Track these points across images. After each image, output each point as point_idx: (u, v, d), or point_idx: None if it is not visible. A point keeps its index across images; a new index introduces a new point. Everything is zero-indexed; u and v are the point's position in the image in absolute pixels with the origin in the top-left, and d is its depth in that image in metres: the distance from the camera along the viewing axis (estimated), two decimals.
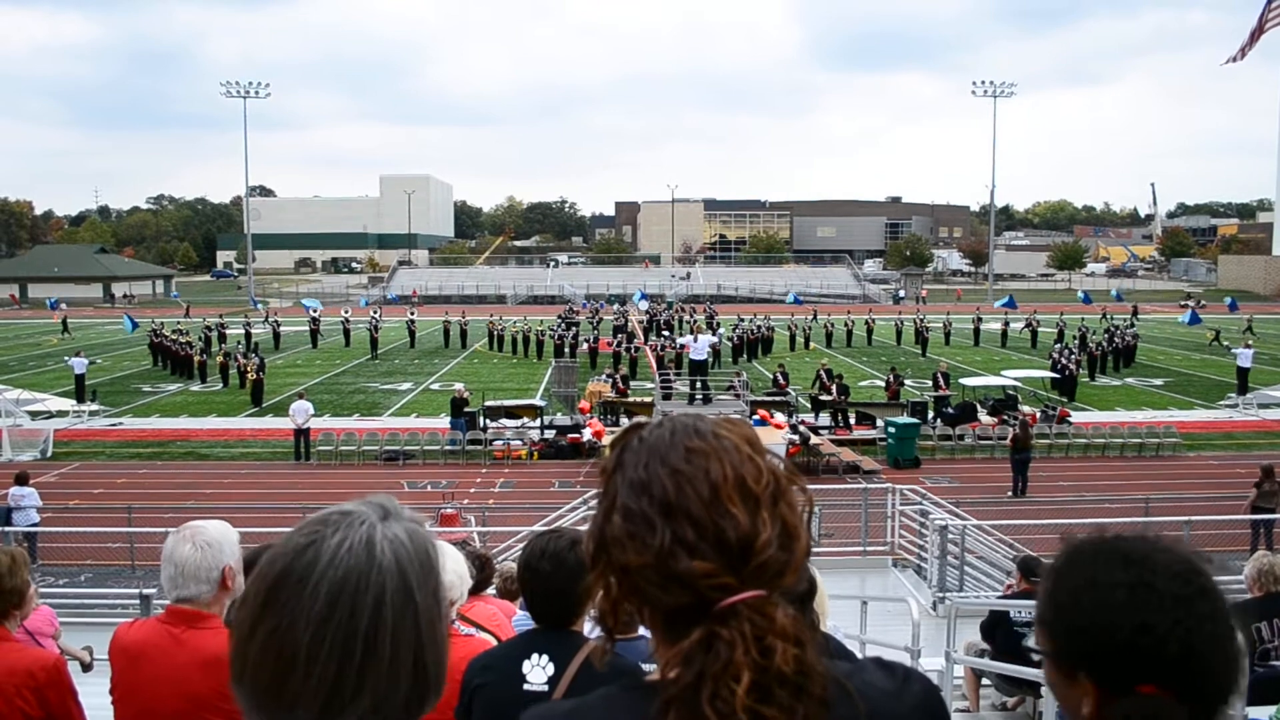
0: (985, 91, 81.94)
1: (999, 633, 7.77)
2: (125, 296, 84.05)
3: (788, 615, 1.04)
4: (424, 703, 1.05)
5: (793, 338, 46.45)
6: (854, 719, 1.07)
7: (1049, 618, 1.19)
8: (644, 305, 56.01)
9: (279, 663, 0.98)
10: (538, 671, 2.48)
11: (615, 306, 58.19)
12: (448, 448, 24.52)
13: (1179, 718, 1.11)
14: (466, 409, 25.50)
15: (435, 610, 1.05)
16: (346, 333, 48.89)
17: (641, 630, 3.61)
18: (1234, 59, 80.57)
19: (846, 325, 48.38)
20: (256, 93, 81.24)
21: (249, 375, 31.93)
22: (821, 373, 29.84)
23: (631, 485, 1.08)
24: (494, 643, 3.22)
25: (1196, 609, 1.12)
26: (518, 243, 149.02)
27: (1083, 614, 1.15)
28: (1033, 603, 6.78)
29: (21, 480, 16.09)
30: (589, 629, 2.70)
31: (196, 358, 37.93)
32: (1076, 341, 38.95)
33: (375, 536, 1.02)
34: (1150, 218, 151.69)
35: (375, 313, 50.56)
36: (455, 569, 3.06)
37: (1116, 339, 39.67)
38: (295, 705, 0.98)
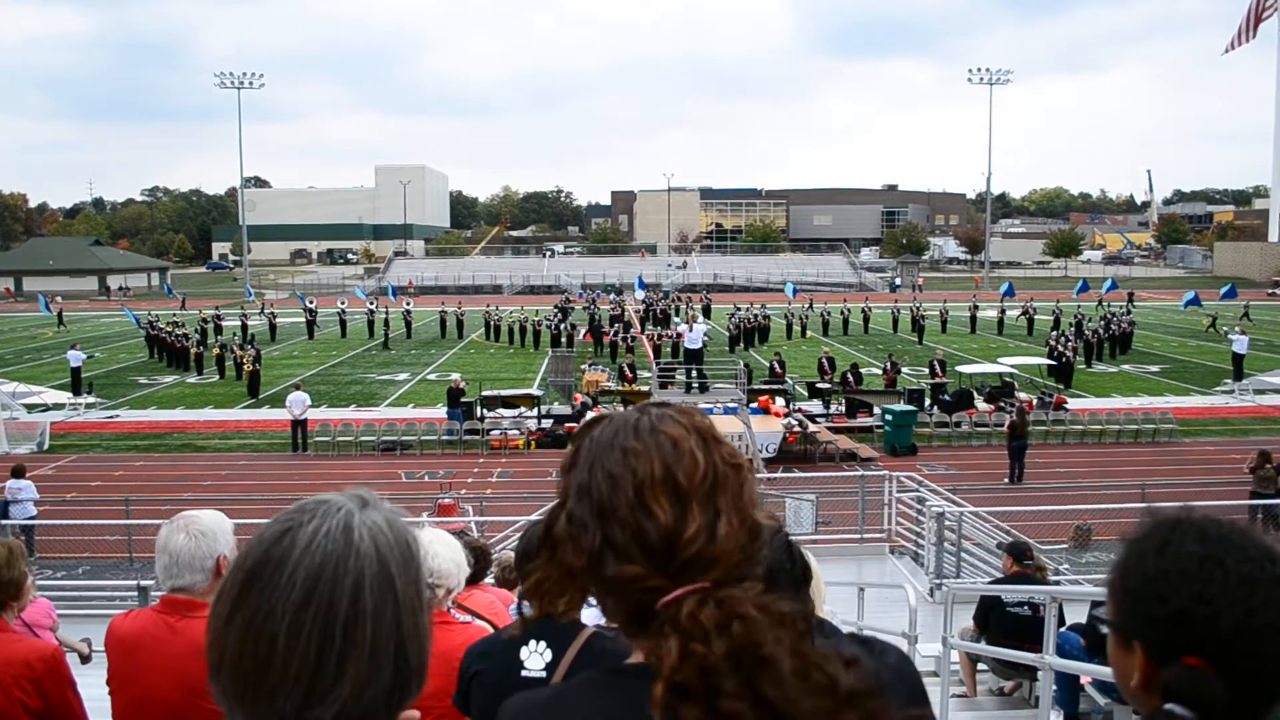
0: (981, 79, 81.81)
1: (992, 617, 7.80)
2: (121, 289, 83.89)
3: (709, 606, 1.01)
4: (406, 693, 1.04)
5: (789, 326, 46.47)
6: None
7: (1115, 582, 1.19)
8: (640, 295, 55.99)
9: (257, 651, 0.97)
10: (535, 658, 2.48)
11: (612, 296, 58.15)
12: (445, 438, 24.53)
13: (1218, 696, 1.10)
14: (463, 399, 25.50)
15: (416, 599, 1.04)
16: (343, 323, 48.87)
17: None
18: (1231, 47, 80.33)
19: (843, 313, 48.37)
20: (250, 83, 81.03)
21: (245, 367, 31.92)
22: (823, 360, 29.97)
23: (577, 488, 1.11)
24: (491, 630, 3.23)
25: (1262, 593, 1.11)
26: (514, 233, 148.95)
27: (1145, 578, 1.15)
28: (1024, 586, 6.80)
29: (18, 473, 16.07)
30: (587, 616, 2.71)
31: (193, 350, 37.87)
32: (1073, 328, 38.99)
33: (353, 523, 1.01)
34: (1146, 204, 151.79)
35: (372, 304, 50.51)
36: (453, 557, 3.05)
37: (1113, 326, 39.71)
38: (275, 695, 0.97)
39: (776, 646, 1.00)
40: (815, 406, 26.85)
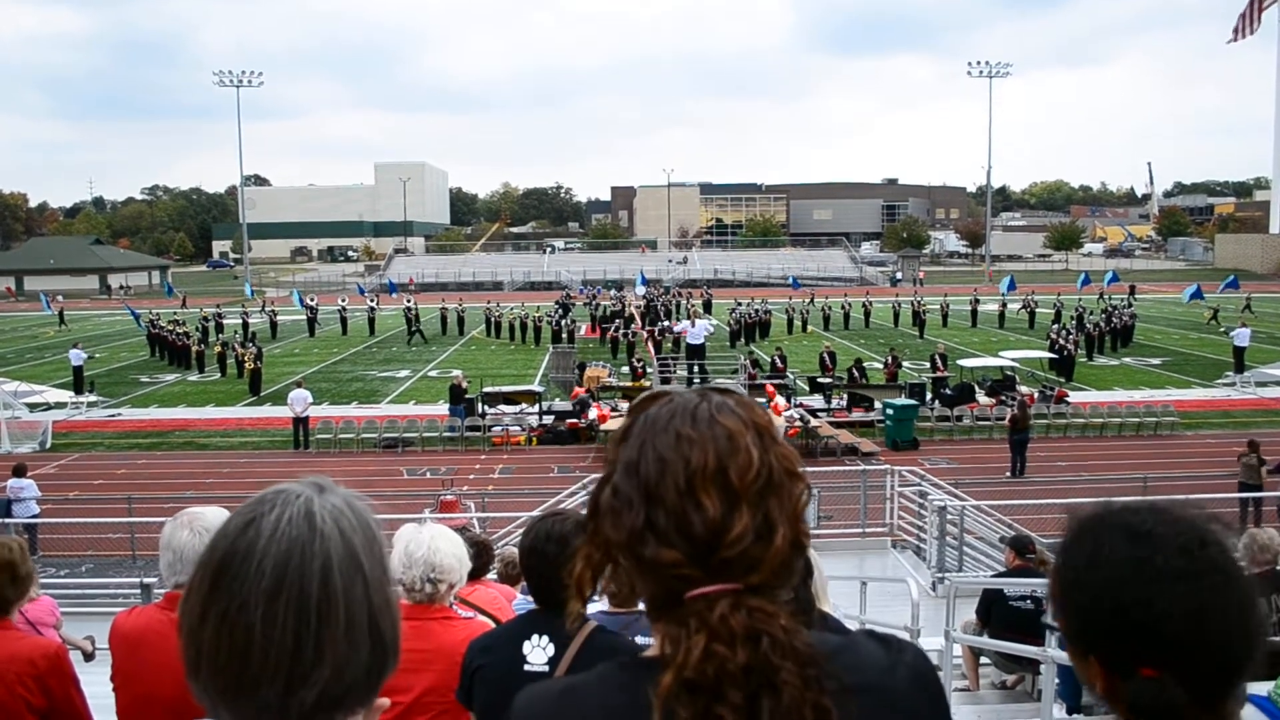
0: (981, 72, 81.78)
1: (995, 611, 7.80)
2: (122, 288, 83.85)
3: (741, 613, 1.03)
4: (384, 669, 1.06)
5: (790, 321, 46.46)
6: (844, 698, 1.05)
7: (1059, 595, 1.17)
8: (641, 290, 55.98)
9: (234, 644, 0.98)
10: (538, 652, 2.49)
11: (612, 292, 58.14)
12: (446, 434, 24.54)
13: (1181, 701, 1.08)
14: (465, 396, 25.49)
15: (383, 575, 1.06)
16: (344, 321, 48.89)
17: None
18: (1235, 37, 80.00)
19: (844, 308, 48.34)
20: (249, 81, 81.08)
21: (247, 365, 31.91)
22: (825, 355, 30.02)
23: (626, 464, 1.09)
24: (494, 625, 3.23)
25: (1202, 584, 1.09)
26: (514, 229, 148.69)
27: (1085, 592, 1.13)
28: (1026, 580, 6.78)
29: (20, 472, 16.04)
30: (591, 609, 2.71)
31: (194, 348, 37.88)
32: (1074, 322, 38.97)
33: (314, 507, 1.03)
34: (1147, 197, 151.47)
35: (373, 300, 50.58)
36: (455, 553, 3.05)
37: (1114, 319, 39.68)
38: (258, 685, 0.98)
39: (789, 677, 1.01)
40: (816, 401, 26.85)
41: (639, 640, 3.37)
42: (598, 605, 3.79)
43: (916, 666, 1.15)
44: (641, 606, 1.14)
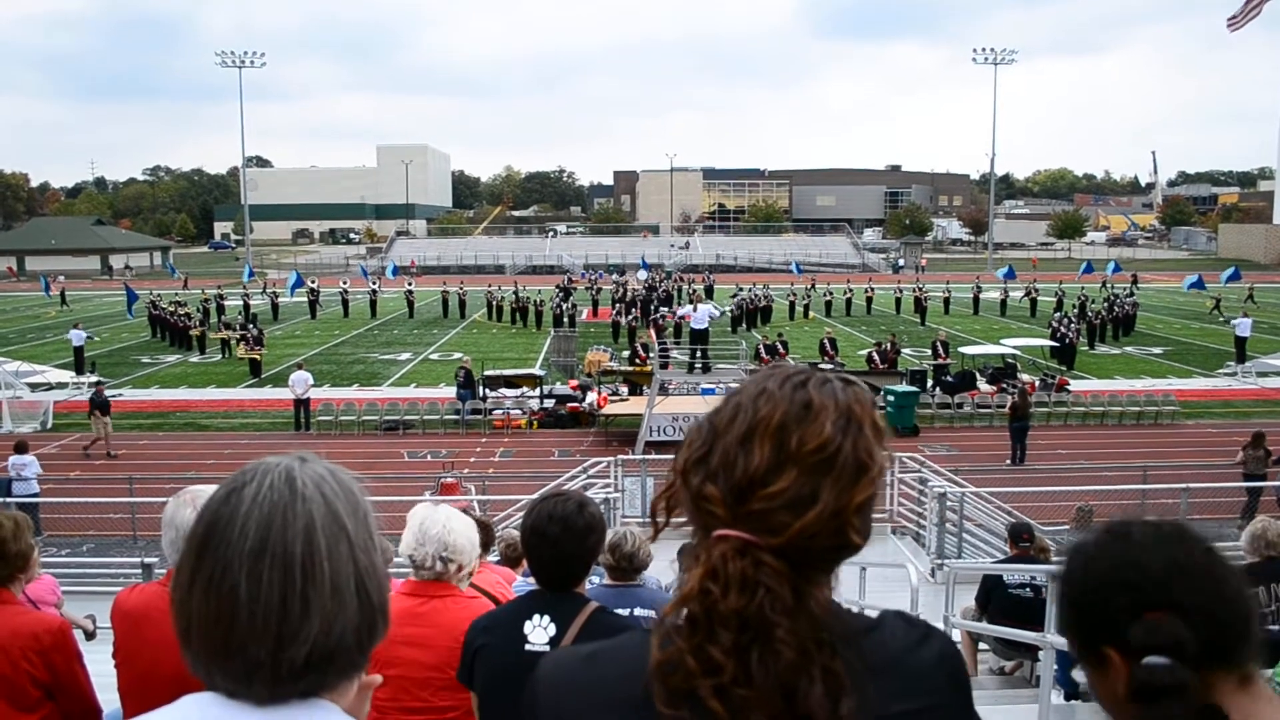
0: (985, 59, 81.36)
1: (994, 597, 7.82)
2: (126, 268, 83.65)
3: (744, 560, 1.05)
4: (374, 632, 1.07)
5: (792, 307, 46.42)
6: (862, 672, 1.06)
7: (1067, 601, 1.22)
8: (643, 275, 55.87)
9: (221, 606, 0.99)
10: (539, 632, 2.48)
11: (615, 276, 58.05)
12: (447, 417, 24.54)
13: (1186, 638, 1.11)
14: (475, 381, 25.34)
15: (369, 539, 1.07)
16: (345, 303, 48.86)
17: (644, 576, 3.62)
18: (1233, 21, 79.33)
19: (846, 294, 48.31)
20: (252, 62, 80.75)
21: (252, 354, 31.36)
22: (825, 341, 30.03)
23: (718, 405, 1.17)
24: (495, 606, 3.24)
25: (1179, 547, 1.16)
26: (516, 213, 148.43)
27: (1077, 586, 1.19)
28: (1025, 566, 6.76)
29: (21, 449, 16.01)
30: (589, 587, 2.71)
31: (195, 329, 37.84)
32: (1076, 310, 38.92)
33: (295, 474, 1.05)
34: (1151, 186, 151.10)
35: (374, 284, 50.55)
36: (468, 535, 3.06)
37: (1116, 308, 39.63)
38: (246, 645, 0.99)
39: (786, 636, 1.02)
40: None
41: (638, 613, 3.38)
42: (597, 580, 3.78)
43: (942, 650, 1.16)
44: (639, 579, 1.17)
